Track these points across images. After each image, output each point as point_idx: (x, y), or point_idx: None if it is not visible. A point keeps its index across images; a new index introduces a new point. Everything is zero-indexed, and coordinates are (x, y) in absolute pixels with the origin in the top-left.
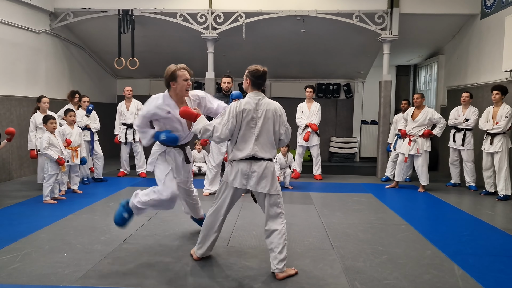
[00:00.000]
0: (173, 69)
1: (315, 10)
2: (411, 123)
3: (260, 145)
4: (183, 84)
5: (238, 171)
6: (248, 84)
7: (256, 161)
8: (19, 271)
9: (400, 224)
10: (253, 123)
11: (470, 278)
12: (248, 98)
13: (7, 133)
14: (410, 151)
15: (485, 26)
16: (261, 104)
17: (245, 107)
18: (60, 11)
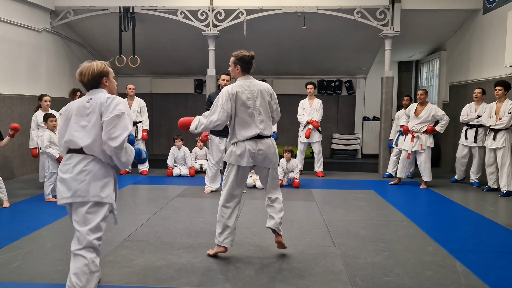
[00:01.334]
0: None
1: (316, 6)
2: (414, 119)
3: (262, 124)
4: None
5: (245, 151)
6: (238, 70)
7: (261, 139)
8: (21, 269)
9: (402, 221)
10: (250, 103)
11: (472, 275)
12: (239, 82)
13: (12, 128)
14: (413, 148)
15: (487, 21)
16: (254, 85)
17: (238, 89)
18: (60, 9)
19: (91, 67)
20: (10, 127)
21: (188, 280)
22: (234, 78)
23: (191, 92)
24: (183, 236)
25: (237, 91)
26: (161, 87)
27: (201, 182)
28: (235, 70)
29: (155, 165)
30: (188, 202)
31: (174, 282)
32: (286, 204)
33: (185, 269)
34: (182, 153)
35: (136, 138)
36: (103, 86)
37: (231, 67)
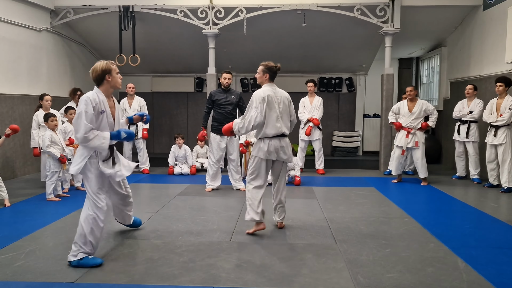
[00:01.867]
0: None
1: (316, 4)
2: (408, 116)
3: (284, 125)
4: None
5: (272, 146)
6: (266, 77)
7: (283, 137)
8: (23, 268)
9: (403, 218)
10: (276, 107)
11: (473, 271)
12: (266, 88)
13: (11, 129)
14: (408, 144)
15: (488, 18)
16: (277, 92)
17: (267, 94)
18: (60, 9)
19: (96, 66)
20: (10, 127)
21: (190, 278)
22: (259, 84)
23: (191, 90)
24: (184, 235)
25: (268, 95)
26: (162, 85)
27: (202, 180)
28: (263, 77)
29: (156, 163)
30: (189, 200)
31: (176, 281)
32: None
33: (187, 267)
34: (183, 151)
35: (137, 137)
36: (106, 82)
37: (259, 74)
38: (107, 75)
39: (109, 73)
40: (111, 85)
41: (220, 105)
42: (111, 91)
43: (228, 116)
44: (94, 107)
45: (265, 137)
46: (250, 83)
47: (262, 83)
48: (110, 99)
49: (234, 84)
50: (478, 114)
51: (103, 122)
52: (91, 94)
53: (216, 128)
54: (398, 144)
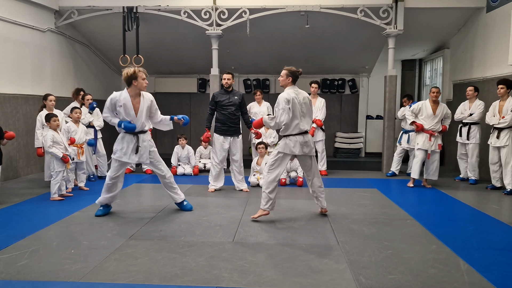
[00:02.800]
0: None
1: (319, 5)
2: (432, 118)
3: (306, 123)
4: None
5: (297, 142)
6: (289, 81)
7: (306, 134)
8: (27, 267)
9: (405, 219)
10: (299, 108)
11: (476, 272)
12: (289, 90)
13: (6, 137)
14: (432, 147)
15: (491, 20)
16: (299, 93)
17: (292, 96)
18: (64, 9)
19: (124, 73)
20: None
21: (193, 278)
22: (282, 86)
23: (194, 91)
24: (187, 235)
25: (293, 97)
26: (165, 86)
27: (204, 181)
28: (286, 80)
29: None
30: (192, 200)
31: (179, 280)
32: (289, 202)
33: (189, 267)
34: (186, 152)
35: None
36: (133, 86)
37: (283, 77)
38: (133, 80)
39: (135, 78)
40: (137, 88)
41: (223, 106)
42: (137, 91)
43: (231, 116)
44: (113, 102)
45: (290, 135)
46: (253, 84)
47: (285, 86)
48: (138, 97)
49: (237, 85)
50: (479, 116)
51: (122, 114)
52: (116, 93)
53: (219, 129)
54: (422, 147)
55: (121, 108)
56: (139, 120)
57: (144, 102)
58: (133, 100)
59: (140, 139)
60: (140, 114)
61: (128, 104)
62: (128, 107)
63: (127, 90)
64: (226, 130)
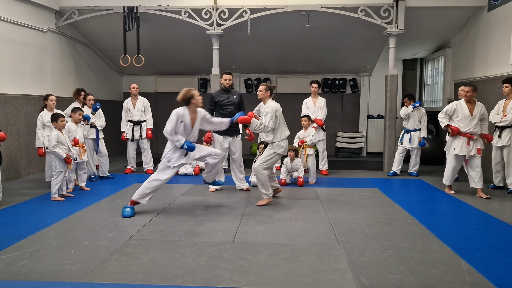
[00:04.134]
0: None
1: (320, 5)
2: (470, 120)
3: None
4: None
5: (286, 145)
6: (268, 94)
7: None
8: (27, 267)
9: (407, 219)
10: (282, 115)
11: (477, 273)
12: (275, 103)
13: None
14: (471, 152)
15: (492, 19)
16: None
17: (278, 107)
18: (65, 10)
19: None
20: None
21: (193, 278)
22: (261, 99)
23: None
24: (188, 235)
25: (278, 108)
26: (166, 86)
27: None
28: (265, 93)
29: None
30: (193, 200)
31: (179, 280)
32: (290, 202)
33: (190, 267)
34: None
35: (141, 137)
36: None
37: (261, 91)
38: (191, 99)
39: (193, 97)
40: (196, 105)
41: (223, 106)
42: (195, 108)
43: (231, 116)
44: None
45: (283, 139)
46: (254, 84)
47: (265, 99)
48: (195, 113)
49: (238, 85)
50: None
51: (181, 128)
52: (180, 109)
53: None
54: (459, 153)
55: (182, 123)
56: (194, 133)
57: (199, 117)
58: (191, 115)
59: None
60: (195, 128)
61: (187, 120)
62: (186, 122)
63: (187, 107)
64: (226, 130)
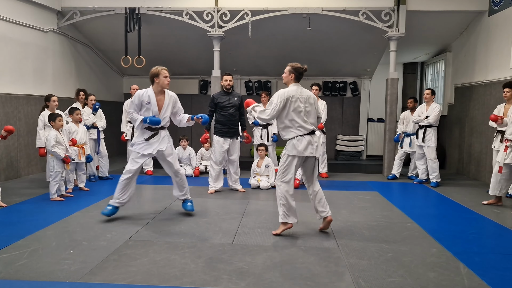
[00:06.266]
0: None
1: (321, 8)
2: (510, 124)
3: (311, 122)
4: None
5: (304, 143)
6: (292, 77)
7: (312, 134)
8: (26, 267)
9: (406, 222)
10: (302, 106)
11: (476, 277)
12: (291, 88)
13: (6, 130)
14: (506, 160)
15: (493, 23)
16: (303, 91)
17: (292, 94)
18: (67, 10)
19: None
20: (5, 129)
21: (192, 279)
22: (285, 83)
23: (196, 92)
24: (187, 236)
25: (292, 95)
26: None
27: (205, 182)
28: (289, 76)
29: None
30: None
31: (178, 282)
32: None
33: (188, 268)
34: (187, 153)
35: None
36: (156, 83)
37: (285, 74)
38: (155, 77)
39: (157, 76)
40: (159, 84)
41: (223, 107)
42: (159, 89)
43: (231, 118)
44: (141, 99)
45: (297, 135)
46: (254, 86)
47: (288, 83)
48: (161, 95)
49: (239, 87)
50: (434, 119)
51: (148, 110)
52: (141, 90)
53: (219, 130)
54: (497, 159)
55: (149, 104)
56: (162, 116)
57: (167, 100)
58: (157, 97)
59: (161, 134)
60: (163, 110)
61: (153, 101)
62: (152, 103)
63: (152, 88)
64: (226, 131)
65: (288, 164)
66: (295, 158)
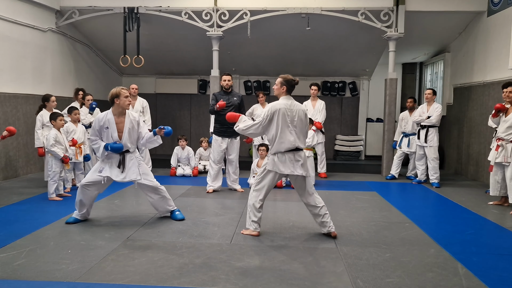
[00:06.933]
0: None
1: (320, 8)
2: (502, 122)
3: (298, 138)
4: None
5: (287, 160)
6: (283, 90)
7: (297, 151)
8: (24, 267)
9: (404, 223)
10: (288, 121)
11: (474, 277)
12: (281, 101)
13: (8, 130)
14: (496, 159)
15: (492, 24)
16: (293, 105)
17: (280, 107)
18: (66, 9)
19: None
20: (7, 129)
21: (190, 279)
22: (276, 96)
23: (195, 92)
24: (185, 236)
25: (280, 109)
26: (165, 87)
27: (204, 182)
28: (280, 89)
29: (158, 165)
30: (190, 202)
31: (176, 281)
32: (287, 204)
33: (186, 268)
34: (185, 153)
35: None
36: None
37: (277, 86)
38: (115, 98)
39: (118, 97)
40: (120, 105)
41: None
42: (120, 110)
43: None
44: (100, 124)
45: (278, 152)
46: (253, 86)
47: (279, 95)
48: (121, 117)
49: (238, 87)
50: (436, 119)
51: (107, 135)
52: (101, 114)
53: (218, 130)
54: (489, 158)
55: (108, 129)
56: (123, 140)
57: (128, 123)
58: (117, 120)
59: (126, 158)
60: (124, 134)
61: (112, 125)
62: (111, 129)
63: (111, 110)
64: (224, 131)
65: (264, 176)
66: (271, 173)
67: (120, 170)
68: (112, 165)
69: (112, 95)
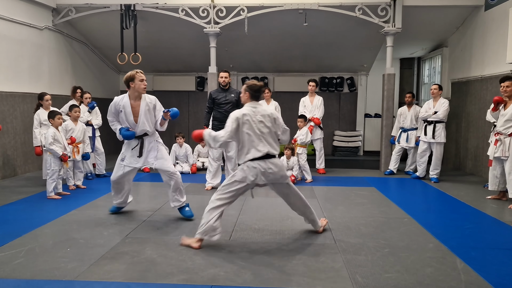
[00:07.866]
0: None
1: (317, 3)
2: (501, 117)
3: (269, 144)
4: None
5: (256, 169)
6: (247, 96)
7: (269, 158)
8: (23, 266)
9: (403, 218)
10: (254, 127)
11: (472, 271)
12: (244, 108)
13: None
14: (495, 153)
15: (489, 18)
16: (258, 111)
17: (243, 114)
18: (62, 7)
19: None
20: None
21: (189, 276)
22: (243, 103)
23: (192, 89)
24: (184, 233)
25: (243, 114)
26: (163, 84)
27: (202, 179)
28: (245, 96)
29: None
30: (189, 199)
31: (175, 279)
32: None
33: (186, 266)
34: (183, 150)
35: None
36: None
37: (242, 93)
38: (130, 82)
39: (132, 80)
40: (136, 89)
41: (220, 104)
42: (136, 94)
43: (228, 115)
44: (116, 107)
45: (247, 161)
46: None
47: (244, 102)
48: (138, 100)
49: (236, 84)
50: (443, 114)
51: (122, 118)
52: (118, 97)
53: (216, 127)
54: (488, 152)
55: (122, 113)
56: (139, 125)
57: (144, 106)
58: (133, 103)
59: (145, 142)
60: (140, 118)
61: (127, 109)
62: (127, 111)
63: (127, 94)
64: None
65: (230, 185)
66: (240, 184)
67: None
68: (133, 152)
69: (127, 78)
